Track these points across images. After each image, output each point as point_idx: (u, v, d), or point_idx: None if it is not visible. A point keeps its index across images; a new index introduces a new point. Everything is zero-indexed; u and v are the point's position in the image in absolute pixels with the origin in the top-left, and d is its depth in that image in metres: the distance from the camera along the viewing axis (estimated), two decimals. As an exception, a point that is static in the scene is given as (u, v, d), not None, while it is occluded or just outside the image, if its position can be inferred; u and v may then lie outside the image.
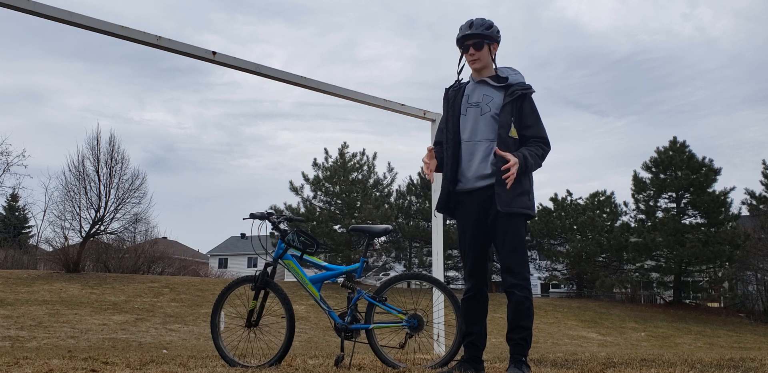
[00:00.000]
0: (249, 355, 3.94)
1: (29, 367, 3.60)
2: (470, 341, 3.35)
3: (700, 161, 27.30)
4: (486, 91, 3.36)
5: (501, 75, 3.40)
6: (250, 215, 4.00)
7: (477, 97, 3.37)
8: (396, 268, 30.11)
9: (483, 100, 3.34)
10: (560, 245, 30.82)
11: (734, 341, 18.30)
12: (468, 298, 3.37)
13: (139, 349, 9.20)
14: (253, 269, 42.96)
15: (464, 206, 3.36)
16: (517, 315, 3.16)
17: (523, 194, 3.23)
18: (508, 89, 3.33)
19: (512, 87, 3.32)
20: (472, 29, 3.33)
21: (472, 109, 3.36)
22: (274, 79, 5.00)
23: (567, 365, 4.29)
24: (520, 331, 3.16)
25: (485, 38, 3.33)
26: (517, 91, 3.30)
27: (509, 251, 3.21)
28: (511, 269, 3.20)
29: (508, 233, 3.22)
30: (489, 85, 3.38)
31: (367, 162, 28.29)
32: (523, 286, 3.18)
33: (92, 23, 4.10)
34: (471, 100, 3.38)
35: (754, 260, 26.01)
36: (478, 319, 3.36)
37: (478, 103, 3.35)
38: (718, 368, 3.98)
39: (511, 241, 3.21)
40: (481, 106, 3.33)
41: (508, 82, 3.35)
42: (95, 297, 17.70)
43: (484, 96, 3.35)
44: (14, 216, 41.92)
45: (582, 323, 20.14)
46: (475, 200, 3.31)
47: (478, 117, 3.33)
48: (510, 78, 3.37)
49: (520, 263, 3.21)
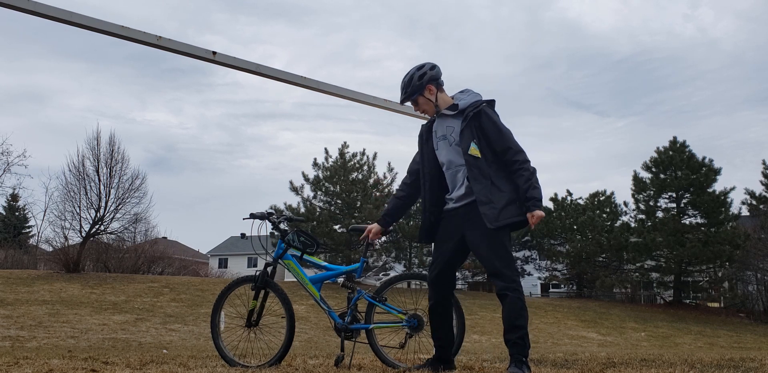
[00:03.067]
0: (249, 355, 3.94)
1: (29, 367, 3.60)
2: (438, 345, 3.56)
3: (700, 161, 27.27)
4: (448, 122, 3.55)
5: (455, 103, 3.56)
6: (250, 215, 4.00)
7: (442, 131, 3.57)
8: (396, 268, 30.10)
9: (447, 131, 3.53)
10: (560, 245, 30.78)
11: (734, 341, 18.29)
12: (432, 306, 3.53)
13: (139, 349, 9.20)
14: (253, 269, 42.94)
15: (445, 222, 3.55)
16: (512, 316, 3.27)
17: (511, 203, 3.35)
18: (462, 114, 3.49)
19: (465, 111, 3.49)
20: (401, 95, 3.58)
21: (441, 142, 3.56)
22: (274, 79, 4.99)
23: (567, 365, 4.29)
24: (516, 331, 3.26)
25: (412, 94, 3.53)
26: (470, 114, 3.46)
27: (495, 258, 3.33)
28: (500, 274, 3.31)
29: (493, 245, 3.34)
30: (448, 117, 3.55)
31: (367, 162, 28.29)
32: (514, 287, 3.29)
33: (92, 23, 4.10)
34: (438, 135, 3.58)
35: (754, 260, 25.98)
36: (444, 325, 3.55)
37: (445, 135, 3.54)
38: (718, 368, 3.98)
39: (496, 249, 3.33)
40: (448, 138, 3.52)
41: (459, 109, 3.51)
42: (95, 297, 17.69)
43: (447, 127, 3.54)
44: (14, 216, 41.89)
45: (582, 323, 20.13)
46: (456, 217, 3.49)
47: (448, 148, 3.52)
48: (460, 104, 3.52)
49: (507, 266, 3.32)
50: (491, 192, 3.32)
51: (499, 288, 3.29)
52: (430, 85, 3.52)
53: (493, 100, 3.56)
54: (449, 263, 3.52)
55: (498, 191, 3.33)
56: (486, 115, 3.43)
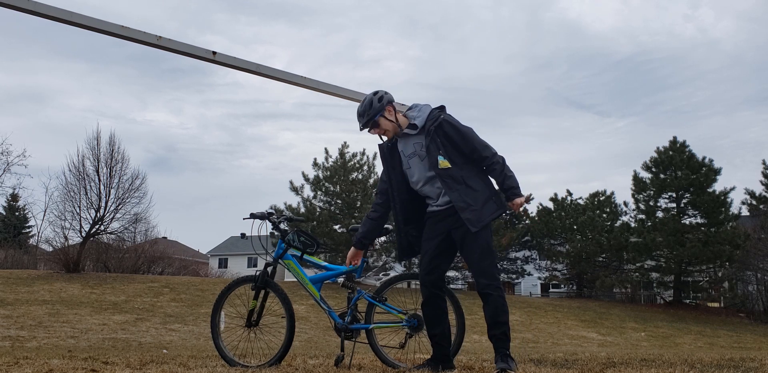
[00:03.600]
0: (249, 355, 3.94)
1: (29, 367, 3.61)
2: (436, 342, 3.57)
3: (700, 161, 27.27)
4: (413, 140, 3.61)
5: (411, 122, 3.61)
6: (251, 215, 4.00)
7: (410, 149, 3.62)
8: (396, 268, 30.11)
9: (416, 148, 3.59)
10: (560, 245, 30.77)
11: (734, 341, 18.29)
12: (424, 302, 3.57)
13: (139, 349, 9.20)
14: (253, 269, 42.94)
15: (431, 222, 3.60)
16: (495, 313, 3.40)
17: (488, 200, 3.48)
18: (424, 130, 3.55)
19: (424, 127, 3.56)
20: (362, 121, 3.60)
21: (413, 160, 3.60)
22: (274, 79, 4.99)
23: (567, 365, 4.29)
24: (500, 326, 3.40)
25: (374, 116, 3.57)
26: (431, 129, 3.53)
27: (479, 257, 3.43)
28: (484, 272, 3.42)
29: (476, 244, 3.44)
30: (411, 135, 3.60)
31: (367, 162, 28.28)
32: (496, 285, 3.42)
33: (92, 23, 4.10)
34: (407, 153, 3.62)
35: (754, 260, 25.98)
36: (438, 321, 3.57)
37: (414, 152, 3.59)
38: (718, 368, 3.99)
39: (479, 248, 3.44)
40: (418, 154, 3.58)
41: (420, 126, 3.57)
42: (95, 297, 17.70)
43: (415, 144, 3.60)
44: (14, 216, 41.87)
45: (582, 323, 20.13)
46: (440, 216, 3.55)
47: (419, 164, 3.57)
48: (417, 122, 3.58)
49: (490, 265, 3.44)
50: (467, 195, 3.44)
51: (482, 287, 3.42)
52: (389, 107, 3.60)
53: (443, 106, 3.66)
54: (436, 259, 3.57)
55: (473, 192, 3.45)
56: (447, 124, 3.53)
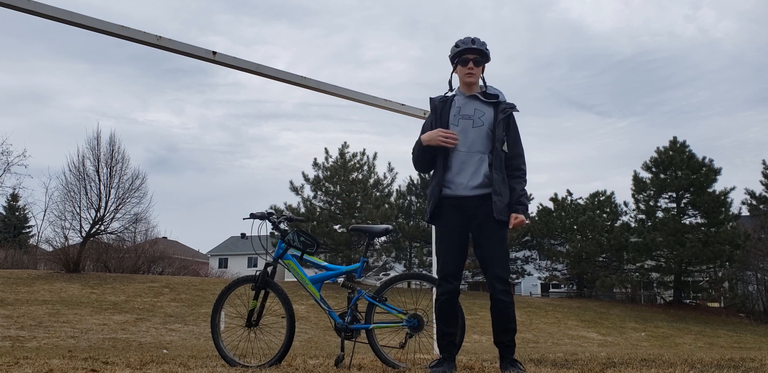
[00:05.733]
0: (249, 355, 3.94)
1: (29, 367, 3.61)
2: (450, 341, 3.45)
3: (700, 161, 27.28)
4: (477, 105, 3.49)
5: (490, 92, 3.53)
6: (251, 215, 4.00)
7: (468, 111, 3.48)
8: (396, 268, 30.11)
9: (475, 114, 3.47)
10: (560, 245, 30.78)
11: (734, 341, 18.29)
12: (445, 300, 3.44)
13: (139, 349, 9.20)
14: (254, 269, 42.96)
15: (450, 212, 3.44)
16: (506, 319, 3.32)
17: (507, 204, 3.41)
18: (499, 106, 3.48)
19: (502, 105, 3.49)
20: (476, 45, 3.46)
21: (464, 121, 3.46)
22: (275, 79, 5.00)
23: (567, 365, 4.29)
24: (509, 333, 3.33)
25: (484, 56, 3.49)
26: (508, 110, 3.47)
27: (499, 258, 3.34)
28: (500, 276, 3.32)
29: (498, 241, 3.35)
30: (480, 101, 3.51)
31: (368, 162, 28.28)
32: (508, 291, 3.35)
33: (93, 23, 4.10)
34: (463, 113, 3.48)
35: (754, 260, 25.99)
36: (456, 319, 3.48)
37: (470, 116, 3.46)
38: (718, 368, 3.98)
39: (500, 248, 3.35)
40: (474, 119, 3.45)
41: (498, 100, 3.50)
42: (95, 297, 17.70)
43: (476, 110, 3.47)
44: (14, 216, 41.86)
45: (582, 323, 20.13)
46: (462, 207, 3.41)
47: (470, 129, 3.44)
48: (500, 96, 3.52)
49: (506, 270, 3.37)
50: (504, 187, 3.38)
51: (496, 291, 3.30)
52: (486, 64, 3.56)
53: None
54: (459, 255, 3.43)
55: (506, 189, 3.40)
56: (515, 119, 3.51)
